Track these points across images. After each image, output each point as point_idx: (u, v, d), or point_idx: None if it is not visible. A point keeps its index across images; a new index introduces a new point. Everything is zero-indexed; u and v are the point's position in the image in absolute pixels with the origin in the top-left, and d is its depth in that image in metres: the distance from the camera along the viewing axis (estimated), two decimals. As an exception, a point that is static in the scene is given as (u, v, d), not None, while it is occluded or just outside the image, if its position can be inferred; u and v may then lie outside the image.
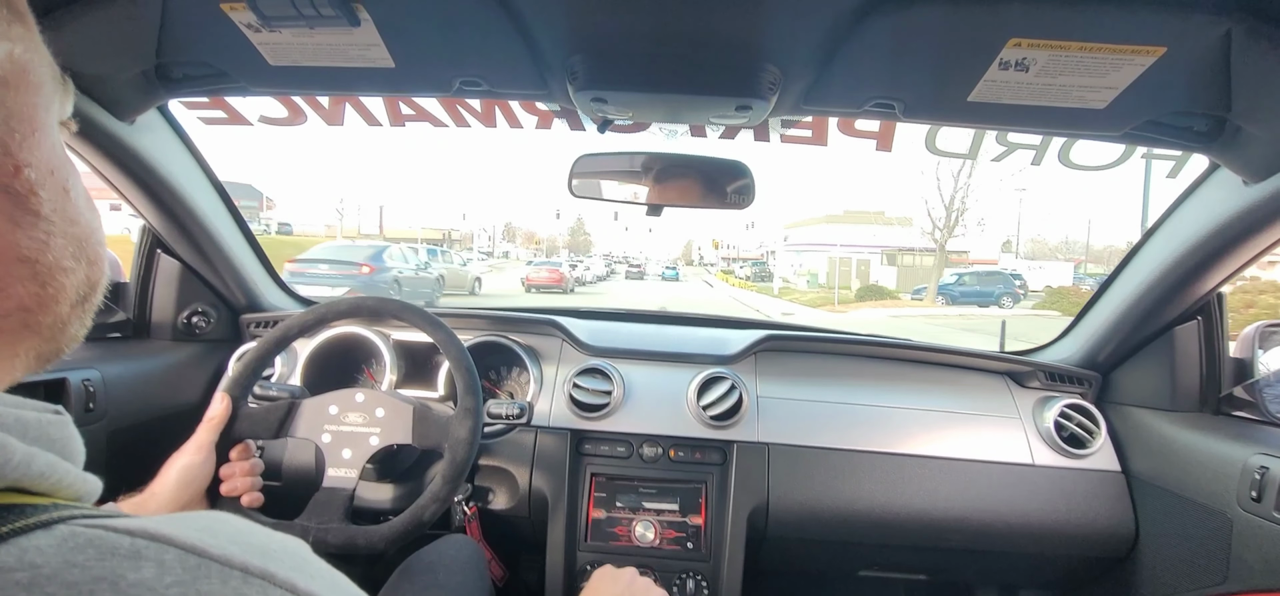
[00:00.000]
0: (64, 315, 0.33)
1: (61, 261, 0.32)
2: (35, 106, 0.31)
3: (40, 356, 0.33)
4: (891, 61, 0.83)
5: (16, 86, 0.30)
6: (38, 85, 0.32)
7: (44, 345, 0.33)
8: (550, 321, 1.41)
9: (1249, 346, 1.16)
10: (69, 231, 0.33)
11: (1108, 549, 1.21)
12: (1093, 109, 0.84)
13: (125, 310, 1.34)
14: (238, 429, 0.92)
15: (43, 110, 0.32)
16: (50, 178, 0.32)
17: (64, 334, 0.34)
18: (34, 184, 0.31)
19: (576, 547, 1.20)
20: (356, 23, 0.78)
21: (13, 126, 0.30)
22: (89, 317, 0.36)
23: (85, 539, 0.24)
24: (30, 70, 0.31)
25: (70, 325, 0.34)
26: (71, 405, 1.03)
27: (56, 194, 0.32)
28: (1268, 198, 0.91)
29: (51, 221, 0.32)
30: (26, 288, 0.31)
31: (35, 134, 0.31)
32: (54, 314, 0.33)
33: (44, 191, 0.31)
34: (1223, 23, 0.69)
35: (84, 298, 0.35)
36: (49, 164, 0.32)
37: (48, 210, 0.31)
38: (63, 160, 0.33)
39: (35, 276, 0.31)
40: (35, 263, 0.31)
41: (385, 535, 0.89)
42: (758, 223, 51.24)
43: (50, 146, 0.32)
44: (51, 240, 0.32)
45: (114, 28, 0.85)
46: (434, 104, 1.21)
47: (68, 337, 0.34)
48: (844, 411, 1.29)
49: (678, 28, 0.79)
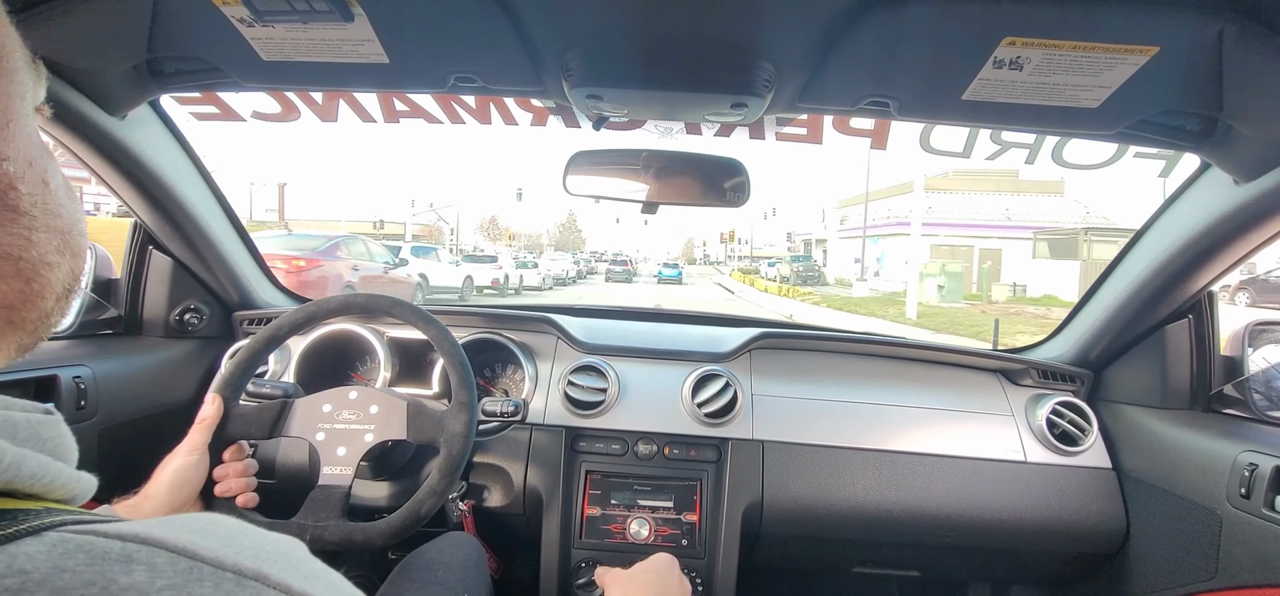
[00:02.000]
0: (48, 309, 0.33)
1: (46, 256, 0.31)
2: (10, 96, 0.30)
3: (21, 348, 0.33)
4: (886, 60, 0.83)
5: None
6: (12, 73, 0.31)
7: (26, 338, 0.32)
8: (545, 319, 1.41)
9: (1239, 344, 1.17)
10: (52, 224, 0.32)
11: (1099, 545, 1.22)
12: (1086, 108, 0.85)
13: (117, 307, 1.33)
14: (230, 429, 0.92)
15: (18, 99, 0.31)
16: (29, 170, 0.31)
17: (46, 326, 0.33)
18: (13, 178, 0.30)
19: (571, 544, 1.20)
20: (350, 18, 0.78)
21: None
22: (71, 309, 0.35)
23: (75, 544, 0.24)
24: (4, 58, 0.30)
25: (52, 317, 0.33)
26: (62, 402, 1.02)
27: (36, 186, 0.31)
28: (1258, 197, 0.92)
29: (33, 216, 0.31)
30: (11, 285, 0.30)
31: (10, 125, 0.30)
32: (39, 309, 0.32)
33: (24, 185, 0.30)
34: (1215, 23, 0.70)
35: (68, 290, 0.34)
36: (27, 155, 0.31)
37: (28, 204, 0.30)
38: (41, 150, 0.32)
39: (19, 274, 0.30)
40: (18, 259, 0.30)
41: (382, 531, 0.89)
42: (782, 207, 43.18)
43: (27, 136, 0.31)
44: (34, 235, 0.31)
45: (105, 21, 0.84)
46: (428, 100, 1.20)
47: (48, 329, 0.34)
48: (838, 409, 1.30)
49: (673, 25, 0.79)
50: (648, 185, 1.16)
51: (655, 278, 30.54)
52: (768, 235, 52.67)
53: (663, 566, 0.82)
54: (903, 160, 31.47)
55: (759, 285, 24.94)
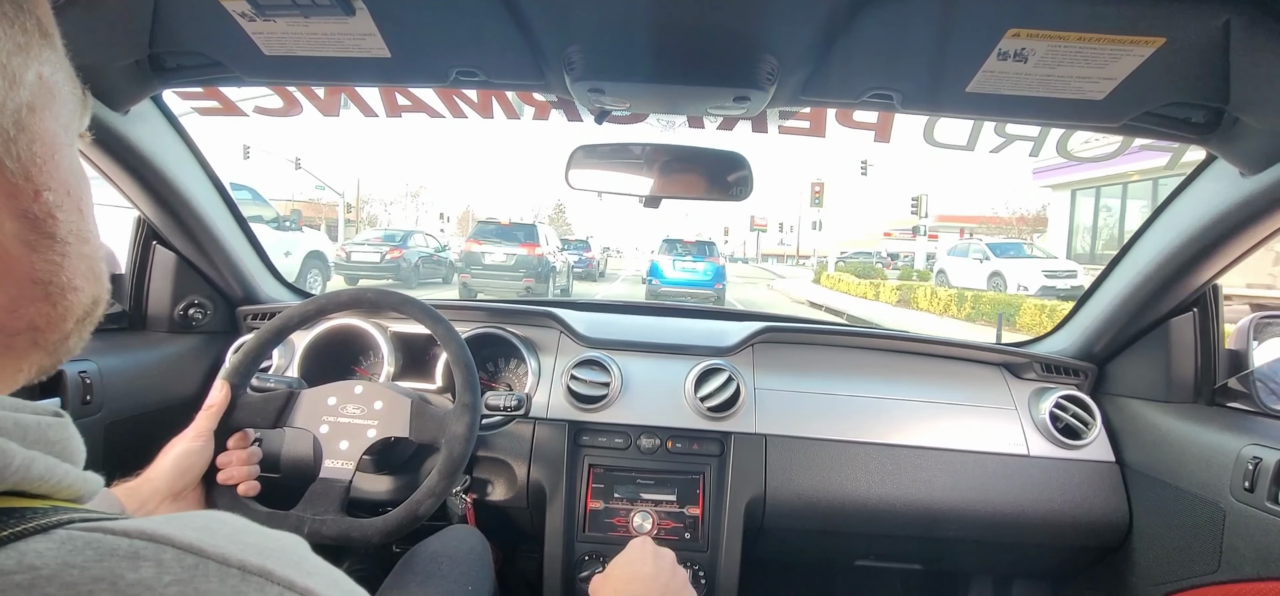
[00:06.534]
0: (68, 331, 0.33)
1: (73, 281, 0.32)
2: (57, 127, 0.31)
3: (42, 369, 0.33)
4: (889, 52, 0.82)
5: (42, 110, 0.30)
6: (61, 104, 0.31)
7: (47, 359, 0.33)
8: (548, 313, 1.41)
9: (1243, 338, 1.17)
10: (82, 251, 0.33)
11: (1102, 538, 1.22)
12: (1091, 100, 0.84)
13: (121, 302, 1.34)
14: (236, 417, 0.92)
15: (63, 130, 0.31)
16: (67, 199, 0.31)
17: (65, 348, 0.34)
18: (52, 207, 0.30)
19: (574, 538, 1.21)
20: (352, 12, 0.78)
21: (35, 151, 0.29)
22: (88, 332, 0.36)
23: (83, 541, 0.24)
24: (56, 93, 0.31)
25: (71, 339, 0.34)
26: (68, 397, 1.03)
27: (72, 214, 0.32)
28: (1265, 189, 0.91)
29: (67, 242, 0.31)
30: (38, 308, 0.31)
31: (56, 155, 0.31)
32: (61, 331, 0.33)
33: (61, 213, 0.31)
34: (1222, 13, 0.69)
35: (88, 314, 0.35)
36: (66, 184, 0.31)
37: (64, 232, 0.31)
38: (79, 178, 0.33)
39: (47, 297, 0.31)
40: (48, 284, 0.31)
41: (380, 528, 0.89)
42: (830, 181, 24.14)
43: (68, 166, 0.32)
44: (65, 262, 0.31)
45: (107, 17, 0.84)
46: (430, 94, 1.20)
47: (67, 351, 0.34)
48: (841, 403, 1.30)
49: (675, 18, 0.79)
50: (650, 179, 1.16)
51: (652, 278, 13.10)
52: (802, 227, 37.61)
53: (634, 554, 0.79)
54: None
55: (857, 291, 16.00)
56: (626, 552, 0.80)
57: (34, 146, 0.29)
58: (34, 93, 0.29)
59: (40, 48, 0.30)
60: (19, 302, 0.30)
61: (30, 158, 0.29)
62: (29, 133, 0.29)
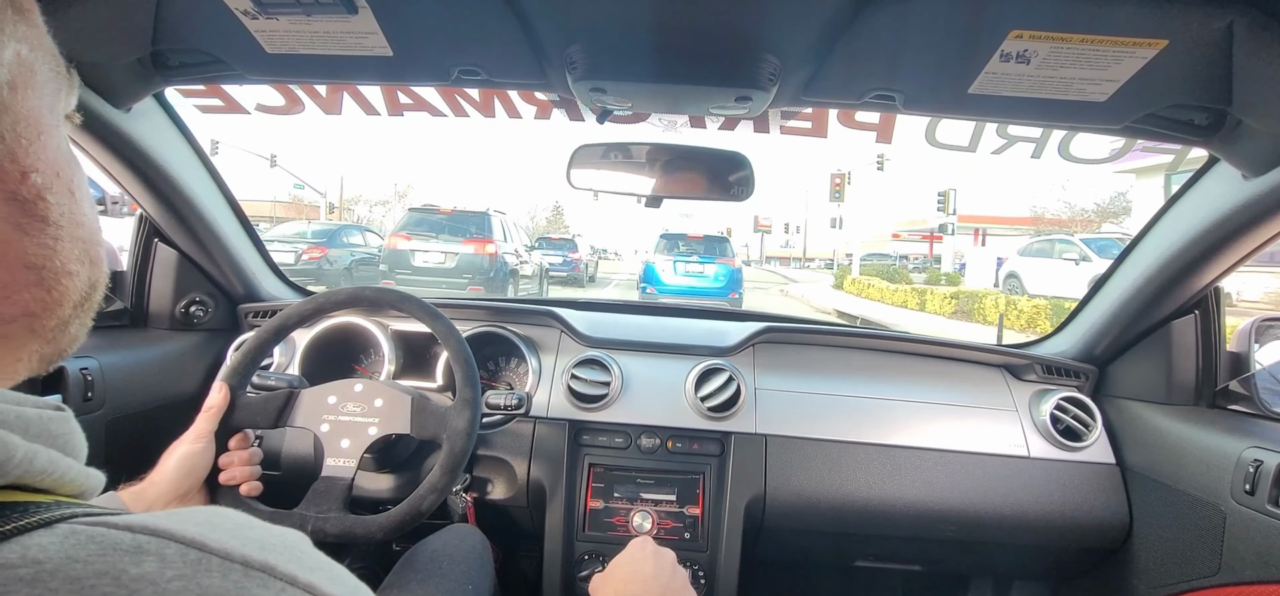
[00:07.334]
0: (66, 317, 0.33)
1: (67, 265, 0.32)
2: (40, 107, 0.30)
3: (43, 359, 0.33)
4: (891, 53, 0.82)
5: (23, 89, 0.29)
6: (43, 84, 0.31)
7: (46, 348, 0.33)
8: (548, 312, 1.41)
9: (1245, 340, 1.17)
10: (75, 234, 0.32)
11: (1102, 540, 1.22)
12: (1093, 102, 0.84)
13: (123, 299, 1.34)
14: (237, 418, 0.92)
15: (48, 110, 0.31)
16: (56, 180, 0.31)
17: (65, 335, 0.34)
18: (41, 189, 0.30)
19: (574, 537, 1.21)
20: (354, 10, 0.78)
21: (19, 131, 0.29)
22: (89, 318, 0.35)
23: (87, 535, 0.24)
24: (36, 70, 0.30)
25: (71, 326, 0.34)
26: (70, 394, 1.03)
27: (63, 196, 0.31)
28: (1267, 192, 0.91)
29: (59, 225, 0.31)
30: (32, 293, 0.30)
31: (41, 136, 0.30)
32: (57, 317, 0.32)
33: (51, 195, 0.30)
34: (1225, 15, 0.69)
35: (85, 299, 0.34)
36: (55, 165, 0.31)
37: (55, 215, 0.31)
38: (68, 159, 0.33)
39: (41, 282, 0.31)
40: (41, 268, 0.30)
41: (383, 525, 0.89)
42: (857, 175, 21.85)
43: (56, 147, 0.31)
44: (58, 245, 0.31)
45: (110, 14, 0.84)
46: (432, 93, 1.20)
47: (69, 339, 0.34)
48: (842, 403, 1.30)
49: (677, 18, 0.78)
50: (651, 178, 1.16)
51: (641, 288, 10.51)
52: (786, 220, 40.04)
53: (634, 553, 0.79)
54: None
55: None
56: (626, 552, 0.80)
57: (17, 126, 0.29)
58: (13, 71, 0.29)
59: (15, 24, 0.29)
60: (12, 288, 0.29)
61: (14, 138, 0.29)
62: (11, 113, 0.28)
